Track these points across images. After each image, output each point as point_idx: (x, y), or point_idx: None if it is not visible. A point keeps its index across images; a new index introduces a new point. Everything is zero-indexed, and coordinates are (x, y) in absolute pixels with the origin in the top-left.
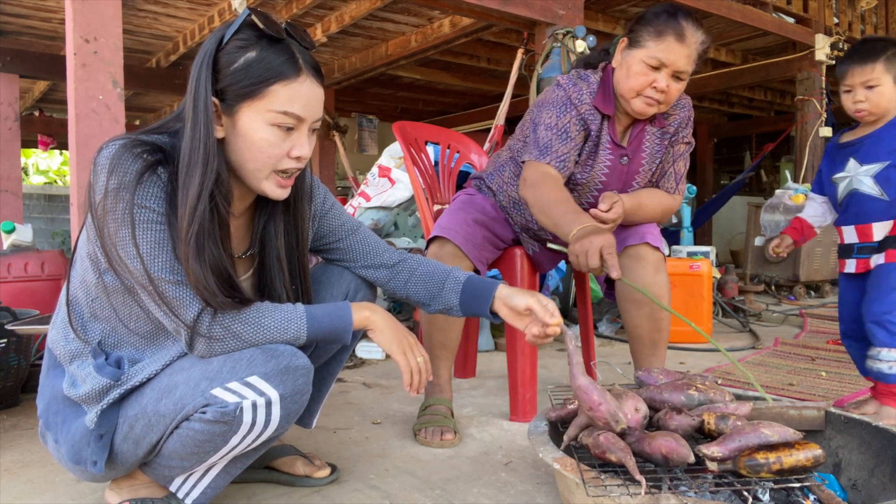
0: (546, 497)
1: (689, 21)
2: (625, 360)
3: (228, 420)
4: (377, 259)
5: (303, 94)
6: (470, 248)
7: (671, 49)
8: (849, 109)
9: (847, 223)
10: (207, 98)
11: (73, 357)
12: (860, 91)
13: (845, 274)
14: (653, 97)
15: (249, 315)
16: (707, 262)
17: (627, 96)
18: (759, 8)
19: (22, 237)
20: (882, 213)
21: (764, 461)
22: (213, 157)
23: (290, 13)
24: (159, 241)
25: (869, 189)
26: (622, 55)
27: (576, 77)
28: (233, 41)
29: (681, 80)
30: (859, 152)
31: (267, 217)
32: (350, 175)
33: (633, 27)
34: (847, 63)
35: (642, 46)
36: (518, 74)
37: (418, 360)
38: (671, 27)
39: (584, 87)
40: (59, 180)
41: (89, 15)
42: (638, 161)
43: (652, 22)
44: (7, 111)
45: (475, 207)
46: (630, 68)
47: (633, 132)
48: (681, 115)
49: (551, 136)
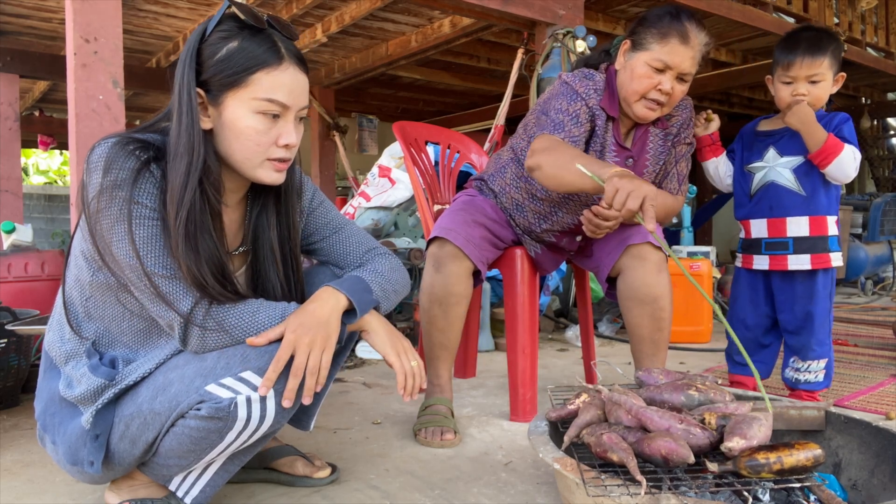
0: (546, 497)
1: (693, 22)
2: (625, 361)
3: (223, 416)
4: (353, 262)
5: (286, 81)
6: (471, 248)
7: (675, 51)
8: (783, 100)
9: (757, 216)
10: (192, 89)
11: (69, 358)
12: (803, 84)
13: (750, 271)
14: (657, 100)
15: (243, 310)
16: (707, 262)
17: (631, 99)
18: (759, 8)
19: (22, 237)
20: (798, 209)
21: (764, 461)
22: (199, 145)
23: (290, 13)
24: (153, 236)
25: (787, 182)
26: (625, 58)
27: (580, 75)
28: (215, 33)
29: (685, 81)
30: (779, 143)
31: (259, 209)
32: (350, 175)
33: (635, 29)
34: (794, 54)
35: (646, 49)
36: (518, 74)
37: (412, 364)
38: (675, 29)
39: (591, 85)
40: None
41: (89, 15)
42: (642, 163)
43: (655, 24)
44: (7, 111)
45: (475, 208)
46: (634, 71)
47: (637, 133)
48: (682, 115)
49: (563, 118)
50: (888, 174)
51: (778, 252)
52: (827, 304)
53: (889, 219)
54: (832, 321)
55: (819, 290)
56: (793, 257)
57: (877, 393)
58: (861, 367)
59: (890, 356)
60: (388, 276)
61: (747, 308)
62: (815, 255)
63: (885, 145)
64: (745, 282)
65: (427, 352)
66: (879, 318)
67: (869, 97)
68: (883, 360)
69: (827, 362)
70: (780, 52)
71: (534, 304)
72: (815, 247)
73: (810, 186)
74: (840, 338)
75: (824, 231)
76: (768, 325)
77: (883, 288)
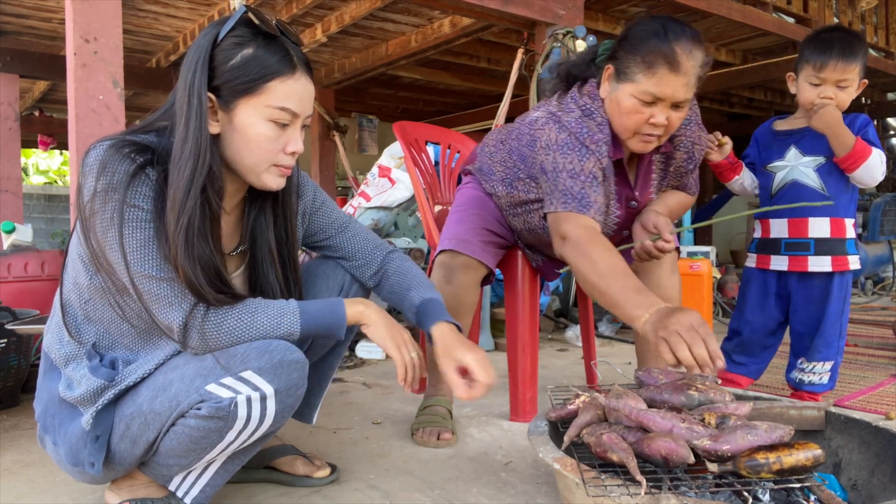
0: (546, 497)
1: (683, 41)
2: (625, 360)
3: (223, 415)
4: (363, 259)
5: (298, 90)
6: (488, 257)
7: (664, 81)
8: (807, 100)
9: (778, 215)
10: (203, 94)
11: (69, 360)
12: (831, 88)
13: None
14: (652, 133)
15: (242, 311)
16: (707, 262)
17: (623, 136)
18: (759, 8)
19: (22, 237)
20: (820, 210)
21: (764, 461)
22: (206, 151)
23: (290, 13)
24: (148, 238)
25: (811, 182)
26: (610, 86)
27: (580, 119)
28: (228, 38)
29: (681, 108)
30: (801, 142)
31: (257, 210)
32: (350, 175)
33: (616, 53)
34: (827, 56)
35: (631, 80)
36: (518, 74)
37: (412, 356)
38: (662, 56)
39: (597, 133)
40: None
41: (89, 15)
42: (646, 198)
43: (639, 49)
44: (7, 111)
45: (480, 206)
46: (620, 104)
47: (641, 169)
48: (687, 134)
49: (582, 183)
50: (888, 174)
51: (798, 253)
52: (839, 307)
53: (889, 219)
54: (846, 324)
55: (834, 292)
56: (813, 258)
57: (877, 393)
58: (861, 367)
59: (890, 356)
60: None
61: (756, 309)
62: (834, 257)
63: (886, 145)
64: (756, 282)
65: (432, 358)
66: (879, 318)
67: (869, 97)
68: (883, 360)
69: (833, 365)
70: (812, 51)
71: (534, 304)
72: (834, 249)
73: (833, 187)
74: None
75: (843, 234)
76: (773, 328)
77: (883, 288)
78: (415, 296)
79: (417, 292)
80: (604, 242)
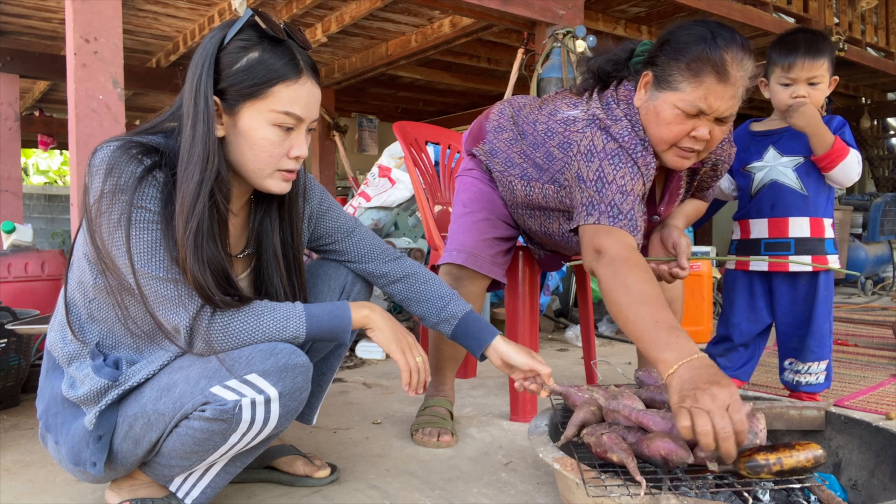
0: (546, 497)
1: (733, 50)
2: (625, 360)
3: (227, 418)
4: (373, 262)
5: (303, 94)
6: (497, 270)
7: (712, 92)
8: (781, 102)
9: (758, 216)
10: (209, 97)
11: (72, 359)
12: (803, 86)
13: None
14: (692, 148)
15: (248, 313)
16: (707, 263)
17: (659, 148)
18: (759, 8)
19: (22, 237)
20: (800, 209)
21: (764, 462)
22: (214, 155)
23: (290, 13)
24: (156, 240)
25: (790, 181)
26: (647, 94)
27: (627, 124)
28: (235, 42)
29: (725, 122)
30: (779, 143)
31: (263, 214)
32: (350, 175)
33: (657, 58)
34: (794, 56)
35: (673, 89)
36: (518, 74)
37: (417, 360)
38: (710, 63)
39: (647, 154)
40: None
41: (89, 15)
42: (668, 212)
43: (684, 54)
44: (7, 111)
45: (487, 207)
46: (660, 115)
47: (669, 185)
48: (717, 152)
49: (631, 203)
50: (888, 174)
51: (778, 253)
52: (827, 306)
53: (889, 219)
54: (832, 322)
55: (821, 291)
56: (796, 258)
57: (877, 393)
58: (861, 367)
59: (890, 356)
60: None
61: (745, 313)
62: (815, 256)
63: (885, 145)
64: (741, 284)
65: (435, 363)
66: (879, 318)
67: (869, 97)
68: (883, 360)
69: (827, 363)
70: (779, 54)
71: (534, 304)
72: (815, 248)
73: (812, 187)
74: (840, 338)
75: (822, 233)
76: (761, 330)
77: (883, 288)
78: (456, 308)
79: (456, 305)
80: (644, 266)
